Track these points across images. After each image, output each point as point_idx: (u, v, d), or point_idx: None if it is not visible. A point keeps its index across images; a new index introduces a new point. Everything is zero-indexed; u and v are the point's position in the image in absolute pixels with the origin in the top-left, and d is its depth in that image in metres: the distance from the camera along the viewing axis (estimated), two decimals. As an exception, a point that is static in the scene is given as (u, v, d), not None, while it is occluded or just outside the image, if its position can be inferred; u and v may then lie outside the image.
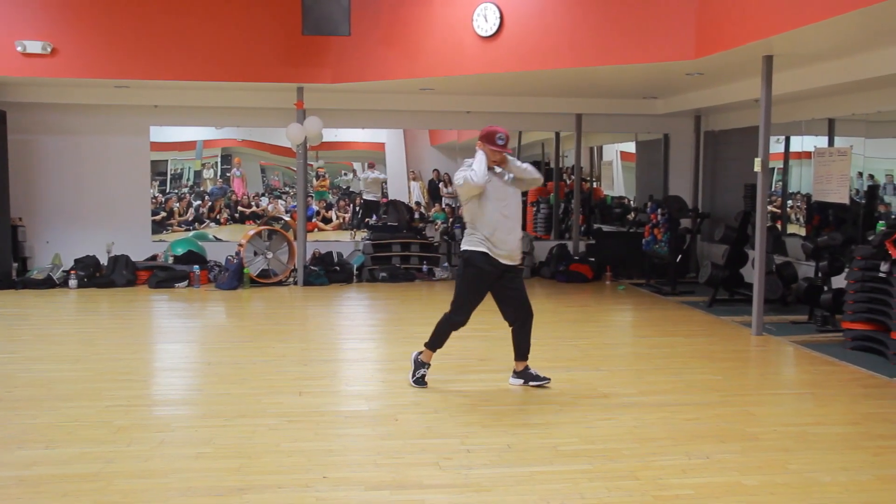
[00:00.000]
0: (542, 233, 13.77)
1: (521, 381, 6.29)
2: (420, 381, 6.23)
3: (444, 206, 14.89)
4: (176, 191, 13.64)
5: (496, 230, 5.91)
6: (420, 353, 6.32)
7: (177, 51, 10.30)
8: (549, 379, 6.29)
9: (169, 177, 14.06)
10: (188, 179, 14.30)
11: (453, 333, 6.22)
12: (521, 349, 6.26)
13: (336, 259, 12.06)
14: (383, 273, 11.87)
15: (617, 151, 15.58)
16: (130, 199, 12.28)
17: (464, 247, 6.05)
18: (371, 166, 15.60)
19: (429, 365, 6.30)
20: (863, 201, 9.82)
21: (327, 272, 11.68)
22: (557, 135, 13.72)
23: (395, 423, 5.39)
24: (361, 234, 13.07)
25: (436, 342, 6.25)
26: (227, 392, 6.14)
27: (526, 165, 6.10)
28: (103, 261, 11.61)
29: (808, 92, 9.25)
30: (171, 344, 8.15)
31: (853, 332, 7.71)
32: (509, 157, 6.01)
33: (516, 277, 6.12)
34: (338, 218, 15.36)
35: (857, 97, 9.32)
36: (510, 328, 6.25)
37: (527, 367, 6.29)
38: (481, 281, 6.00)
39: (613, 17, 8.40)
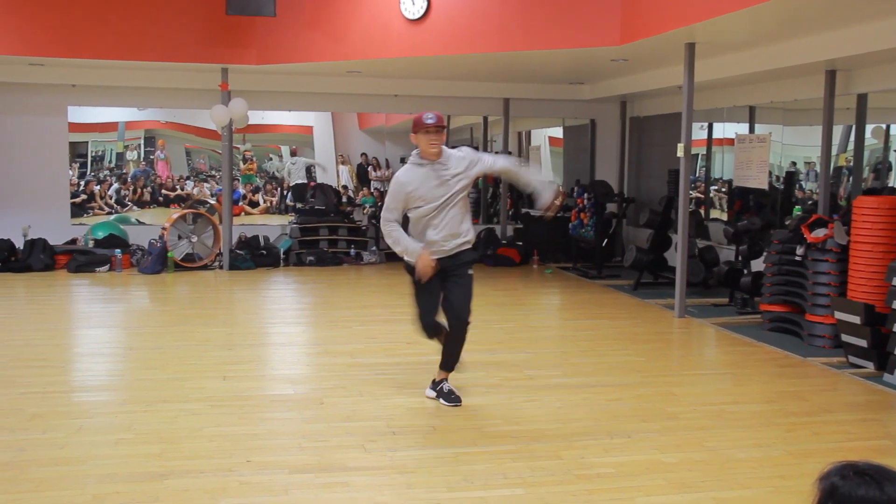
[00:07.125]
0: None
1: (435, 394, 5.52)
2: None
3: (372, 189, 14.83)
4: (95, 173, 13.32)
5: (424, 237, 5.28)
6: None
7: (95, 28, 9.95)
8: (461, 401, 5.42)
9: (90, 158, 13.70)
10: (110, 161, 13.96)
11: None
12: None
13: (263, 243, 11.91)
14: (311, 257, 11.77)
15: (545, 136, 15.71)
16: (48, 181, 11.85)
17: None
18: (293, 153, 15.45)
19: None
20: (781, 187, 10.10)
21: (254, 256, 11.53)
22: (485, 119, 13.76)
23: (321, 406, 5.36)
24: (289, 218, 12.95)
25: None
26: (149, 377, 6.02)
27: (490, 161, 5.43)
28: (19, 244, 11.24)
29: (730, 80, 9.45)
30: (90, 329, 7.95)
31: (770, 313, 7.94)
32: (449, 152, 5.24)
33: (461, 274, 5.34)
34: (265, 202, 15.19)
35: (776, 85, 9.56)
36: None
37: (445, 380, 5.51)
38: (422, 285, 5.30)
39: (540, 2, 8.44)
